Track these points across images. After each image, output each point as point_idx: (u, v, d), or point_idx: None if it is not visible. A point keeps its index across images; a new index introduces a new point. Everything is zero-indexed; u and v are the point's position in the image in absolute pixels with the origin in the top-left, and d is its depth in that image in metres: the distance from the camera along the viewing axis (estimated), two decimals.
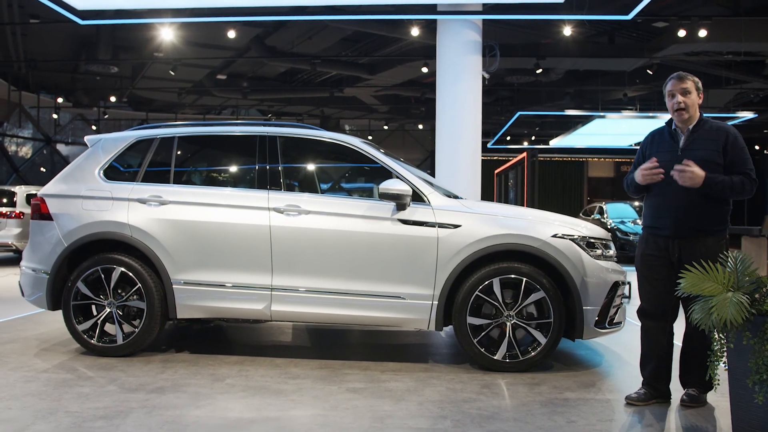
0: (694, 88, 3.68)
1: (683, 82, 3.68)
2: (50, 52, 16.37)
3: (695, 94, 3.68)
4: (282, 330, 5.92)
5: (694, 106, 3.67)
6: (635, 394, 3.82)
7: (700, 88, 3.71)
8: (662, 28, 13.12)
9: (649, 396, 3.79)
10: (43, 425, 3.31)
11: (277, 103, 22.10)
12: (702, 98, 3.71)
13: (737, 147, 3.61)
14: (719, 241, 3.61)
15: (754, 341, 3.05)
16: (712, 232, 3.61)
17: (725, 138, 3.61)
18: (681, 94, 3.66)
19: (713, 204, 3.61)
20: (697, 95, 3.69)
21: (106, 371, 4.35)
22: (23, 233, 11.18)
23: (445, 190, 5.05)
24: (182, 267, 4.66)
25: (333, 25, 13.27)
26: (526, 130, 23.61)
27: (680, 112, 3.67)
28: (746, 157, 3.62)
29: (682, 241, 3.62)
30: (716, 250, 3.52)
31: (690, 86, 3.67)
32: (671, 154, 3.68)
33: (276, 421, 3.43)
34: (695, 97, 3.67)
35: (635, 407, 3.74)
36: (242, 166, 5.16)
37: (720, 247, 3.58)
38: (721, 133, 3.63)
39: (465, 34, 9.15)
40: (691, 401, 3.72)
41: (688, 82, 3.68)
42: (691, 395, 3.74)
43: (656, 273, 3.72)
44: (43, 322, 6.05)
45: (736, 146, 3.61)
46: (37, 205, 4.99)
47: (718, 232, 3.63)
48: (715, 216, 3.62)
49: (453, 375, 4.39)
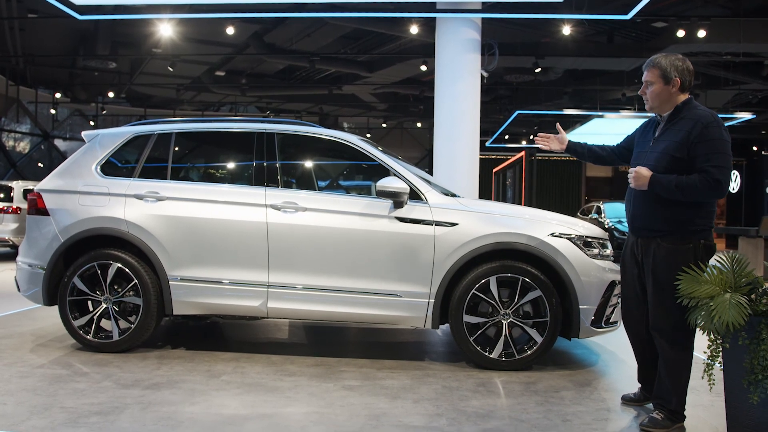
0: (659, 76, 3.35)
1: (646, 73, 3.43)
2: (48, 47, 16.33)
3: (660, 83, 3.35)
4: (278, 327, 5.91)
5: (658, 97, 3.38)
6: (631, 394, 3.81)
7: (671, 75, 3.33)
8: (661, 28, 13.13)
9: (641, 396, 3.76)
10: (38, 420, 3.30)
11: (276, 100, 22.08)
12: (679, 82, 3.33)
13: (704, 139, 3.20)
14: (681, 246, 3.27)
15: (750, 341, 3.06)
16: (668, 233, 3.30)
17: (692, 129, 3.24)
18: (643, 85, 3.46)
19: (665, 204, 3.29)
20: (666, 83, 3.34)
21: (102, 367, 4.34)
22: (20, 228, 11.17)
23: (442, 189, 5.04)
24: (179, 263, 4.65)
25: (332, 22, 13.25)
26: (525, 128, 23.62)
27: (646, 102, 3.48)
28: (712, 152, 3.18)
29: (641, 240, 3.43)
30: (676, 256, 3.26)
31: (652, 76, 3.38)
32: (646, 145, 3.49)
33: (271, 417, 3.43)
34: (660, 86, 3.36)
35: (631, 406, 3.75)
36: (240, 163, 5.15)
37: (683, 253, 3.26)
38: (690, 124, 3.27)
39: (464, 32, 9.15)
40: (652, 425, 3.34)
41: (650, 72, 3.40)
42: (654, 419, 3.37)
43: (627, 272, 3.57)
44: (39, 318, 6.04)
45: (702, 138, 3.20)
46: (34, 201, 4.98)
47: (678, 234, 3.28)
48: (669, 217, 3.30)
49: (449, 373, 4.39)
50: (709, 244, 3.33)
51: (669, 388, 3.37)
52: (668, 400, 3.37)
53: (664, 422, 3.35)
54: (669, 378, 3.37)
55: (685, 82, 3.36)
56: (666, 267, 3.30)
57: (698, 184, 3.19)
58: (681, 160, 3.27)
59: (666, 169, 3.30)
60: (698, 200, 3.26)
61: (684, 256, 3.27)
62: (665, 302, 3.32)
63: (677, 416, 3.38)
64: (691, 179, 3.21)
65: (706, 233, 3.31)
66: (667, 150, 3.32)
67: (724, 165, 3.19)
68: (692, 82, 3.40)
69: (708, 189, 3.18)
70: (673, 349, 3.34)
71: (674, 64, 3.35)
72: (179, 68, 16.62)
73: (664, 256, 3.31)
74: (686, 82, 3.37)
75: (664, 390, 3.39)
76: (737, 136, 22.97)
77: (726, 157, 3.21)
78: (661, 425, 3.34)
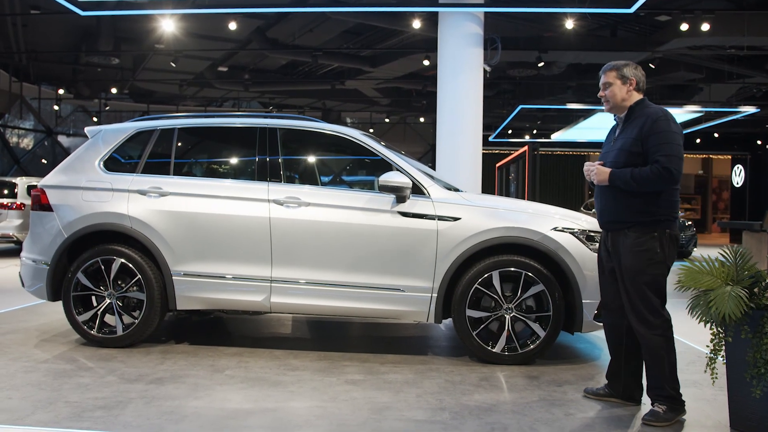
0: (617, 77, 3.57)
1: (603, 76, 3.65)
2: (51, 43, 16.32)
3: (618, 83, 3.57)
4: (281, 322, 5.93)
5: (616, 97, 3.59)
6: (595, 388, 3.82)
7: (628, 76, 3.56)
8: (665, 22, 13.05)
9: (603, 392, 3.76)
10: (42, 415, 3.32)
11: (279, 96, 22.04)
12: (634, 82, 3.56)
13: (653, 132, 3.39)
14: (644, 235, 3.41)
15: (752, 335, 3.06)
16: (633, 224, 3.44)
17: (643, 124, 3.45)
18: (602, 88, 3.66)
19: (627, 196, 3.46)
20: (623, 83, 3.56)
21: (106, 362, 4.36)
22: (24, 224, 11.20)
23: (445, 183, 5.04)
24: (182, 258, 4.66)
25: (334, 17, 13.21)
26: (528, 123, 23.56)
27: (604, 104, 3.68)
28: (661, 143, 3.36)
29: (611, 234, 3.58)
30: (638, 244, 3.40)
31: (610, 78, 3.60)
32: (609, 146, 3.69)
33: (274, 412, 3.45)
34: (617, 88, 3.57)
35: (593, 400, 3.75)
36: (242, 158, 5.15)
37: (648, 242, 3.39)
38: (642, 120, 3.48)
39: (466, 26, 9.12)
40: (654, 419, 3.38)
41: (608, 75, 3.62)
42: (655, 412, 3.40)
43: (603, 266, 3.70)
44: (44, 313, 6.06)
45: (652, 132, 3.40)
46: (38, 196, 5.00)
47: (643, 225, 3.42)
48: (632, 209, 3.45)
49: (452, 367, 4.40)
50: (674, 234, 3.47)
51: (658, 376, 3.43)
52: (661, 387, 3.43)
53: (666, 415, 3.38)
54: (654, 365, 3.44)
55: (639, 82, 3.60)
56: (633, 256, 3.44)
57: (650, 174, 3.36)
58: (637, 154, 3.45)
59: (625, 164, 3.48)
60: (653, 189, 3.40)
61: (649, 245, 3.41)
62: (637, 289, 3.43)
63: (676, 404, 3.42)
64: (644, 170, 3.38)
65: (670, 223, 3.45)
66: (623, 146, 3.53)
67: (673, 154, 3.36)
68: (645, 84, 3.64)
69: (659, 178, 3.35)
70: (651, 334, 3.42)
71: (628, 66, 3.63)
72: (182, 64, 16.60)
73: (630, 246, 3.45)
74: (641, 82, 3.61)
75: (654, 379, 3.45)
76: (741, 130, 22.91)
77: (674, 146, 3.38)
78: (662, 418, 3.37)
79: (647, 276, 3.40)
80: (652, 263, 3.40)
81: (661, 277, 3.43)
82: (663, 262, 3.42)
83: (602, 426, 3.34)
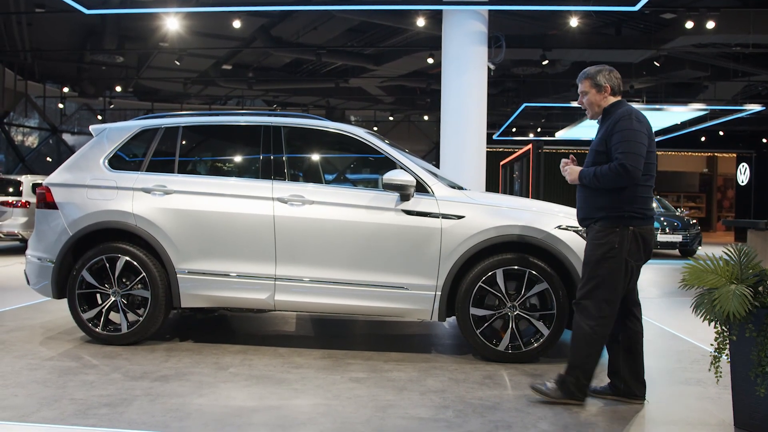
0: (591, 85, 3.68)
1: (580, 84, 3.74)
2: (56, 41, 16.37)
3: (594, 92, 3.67)
4: (285, 320, 5.94)
5: (593, 105, 3.70)
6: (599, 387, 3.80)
7: (602, 83, 3.64)
8: (670, 20, 13.01)
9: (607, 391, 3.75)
10: (48, 412, 3.34)
11: (283, 94, 22.06)
12: (609, 88, 3.64)
13: (615, 131, 3.49)
14: (605, 229, 3.51)
15: (757, 334, 3.05)
16: (600, 219, 3.55)
17: (609, 124, 3.56)
18: (580, 96, 3.76)
19: (593, 193, 3.59)
20: (598, 91, 3.66)
21: (111, 359, 4.38)
22: (29, 222, 11.23)
23: (449, 181, 5.04)
24: (186, 256, 4.67)
25: (338, 15, 13.22)
26: (532, 121, 23.52)
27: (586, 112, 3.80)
28: (620, 142, 3.44)
29: (586, 229, 3.70)
30: (598, 237, 3.52)
31: (585, 87, 3.71)
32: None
33: (278, 409, 3.45)
34: (593, 96, 3.68)
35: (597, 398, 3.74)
36: (246, 156, 5.16)
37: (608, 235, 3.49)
38: (609, 120, 3.59)
39: (471, 24, 9.11)
40: (540, 388, 3.65)
41: (583, 84, 3.72)
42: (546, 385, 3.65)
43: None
44: (49, 311, 6.09)
45: (614, 130, 3.50)
46: (43, 194, 5.01)
47: (602, 219, 3.53)
48: (597, 204, 3.56)
49: (455, 365, 4.40)
50: (640, 232, 3.52)
51: (571, 363, 3.57)
52: (568, 371, 3.58)
53: (553, 393, 3.58)
54: (573, 351, 3.59)
55: (614, 87, 3.67)
56: (592, 247, 3.56)
57: (608, 171, 3.46)
58: (602, 153, 3.56)
59: (593, 163, 3.60)
60: (614, 186, 3.47)
61: (608, 239, 3.50)
62: (588, 278, 3.56)
63: (570, 395, 3.56)
64: (603, 168, 3.49)
65: (636, 221, 3.51)
66: (593, 146, 3.66)
67: (630, 151, 3.41)
68: (621, 87, 3.71)
69: (616, 174, 3.43)
70: (584, 322, 3.54)
71: (601, 72, 3.69)
72: (186, 62, 16.63)
73: (592, 238, 3.59)
74: (615, 87, 3.68)
75: (569, 362, 3.60)
76: (746, 128, 22.82)
77: (632, 144, 3.43)
78: (546, 392, 3.59)
79: (600, 269, 3.50)
80: (608, 257, 3.49)
81: (615, 273, 3.49)
82: (620, 257, 3.48)
83: (605, 423, 3.34)
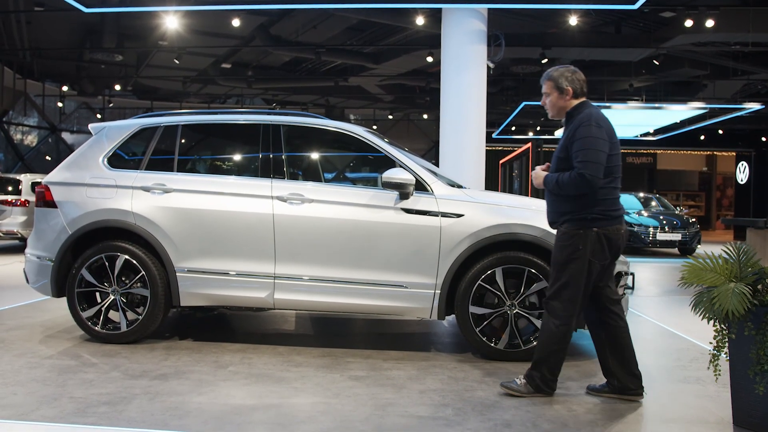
0: (553, 87, 3.69)
1: (543, 86, 3.76)
2: (55, 40, 16.34)
3: (555, 93, 3.68)
4: (285, 318, 5.94)
5: (555, 106, 3.72)
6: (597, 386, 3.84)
7: (563, 86, 3.65)
8: (669, 18, 13.00)
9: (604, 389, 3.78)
10: (47, 410, 3.34)
11: (282, 92, 22.05)
12: (571, 91, 3.64)
13: (575, 138, 3.51)
14: (570, 231, 3.56)
15: (756, 332, 3.06)
16: (565, 221, 3.61)
17: (570, 129, 3.58)
18: (544, 97, 3.77)
19: (557, 198, 3.64)
20: (560, 93, 3.67)
21: (110, 358, 4.38)
22: (28, 221, 11.23)
23: (448, 180, 5.04)
24: (186, 255, 4.67)
25: (338, 13, 13.21)
26: (531, 120, 23.51)
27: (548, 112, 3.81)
28: (580, 150, 3.47)
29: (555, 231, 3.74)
30: (563, 239, 3.58)
31: (548, 88, 3.72)
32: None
33: (278, 408, 3.46)
34: (555, 98, 3.69)
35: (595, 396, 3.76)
36: (246, 155, 5.16)
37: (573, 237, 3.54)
38: (570, 127, 3.60)
39: (470, 23, 9.10)
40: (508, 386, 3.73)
41: (546, 85, 3.73)
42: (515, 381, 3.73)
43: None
44: (48, 309, 6.09)
45: (575, 137, 3.51)
46: (42, 193, 5.01)
47: (567, 222, 3.59)
48: (562, 208, 3.62)
49: (455, 364, 4.40)
50: (604, 233, 3.56)
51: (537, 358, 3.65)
52: (534, 368, 3.67)
53: (522, 387, 3.67)
54: (540, 348, 3.66)
55: (576, 89, 3.67)
56: (559, 249, 3.63)
57: (569, 179, 3.50)
58: (564, 159, 3.59)
59: (556, 169, 3.65)
60: (575, 193, 3.52)
61: (573, 241, 3.56)
62: (555, 279, 3.63)
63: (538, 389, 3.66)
64: (564, 176, 3.53)
65: (601, 222, 3.55)
66: (556, 152, 3.69)
67: (588, 159, 3.44)
68: (584, 89, 3.70)
69: (575, 183, 3.48)
70: (550, 321, 3.62)
71: (564, 75, 3.68)
72: (185, 61, 16.61)
73: (558, 240, 3.65)
74: (578, 89, 3.68)
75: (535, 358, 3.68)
76: (746, 126, 22.83)
77: (591, 152, 3.45)
78: (516, 388, 3.68)
79: (566, 270, 3.57)
80: (573, 259, 3.55)
81: (579, 274, 3.56)
82: (584, 258, 3.54)
83: (604, 422, 3.35)
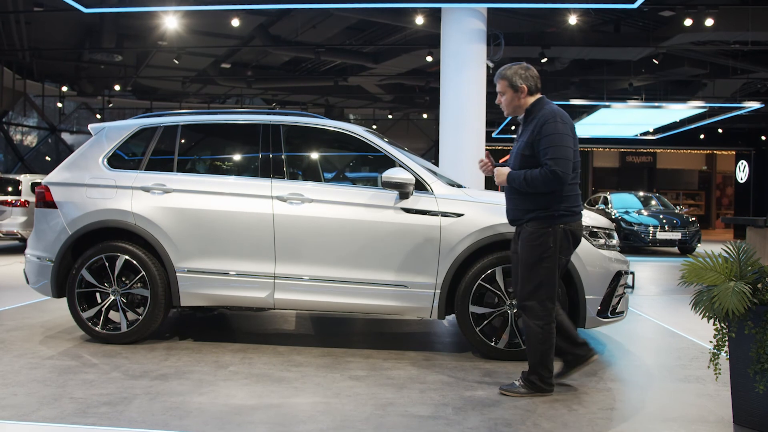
0: (507, 86, 3.70)
1: (497, 85, 3.76)
2: (54, 40, 16.34)
3: (510, 91, 3.70)
4: (285, 318, 5.94)
5: (510, 105, 3.74)
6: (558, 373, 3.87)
7: (518, 85, 3.67)
8: (668, 17, 13.00)
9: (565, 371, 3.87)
10: (47, 411, 3.34)
11: (282, 92, 22.04)
12: (526, 89, 3.66)
13: (542, 135, 3.53)
14: (539, 230, 3.58)
15: (756, 331, 3.06)
16: (531, 220, 3.62)
17: (534, 127, 3.58)
18: (498, 96, 3.78)
19: (523, 195, 3.65)
20: (514, 91, 3.69)
21: (111, 358, 4.38)
22: (28, 221, 11.23)
23: (448, 179, 5.05)
24: (186, 255, 4.67)
25: (337, 13, 13.20)
26: None
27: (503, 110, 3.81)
28: (549, 147, 3.50)
29: (516, 229, 3.77)
30: (532, 238, 3.59)
31: (502, 87, 3.73)
32: (514, 145, 3.82)
33: (278, 408, 3.46)
34: (510, 96, 3.71)
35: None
36: (246, 155, 5.16)
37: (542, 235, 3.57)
38: (534, 123, 3.61)
39: (469, 22, 9.10)
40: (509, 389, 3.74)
41: (500, 83, 3.74)
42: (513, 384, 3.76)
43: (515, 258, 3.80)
44: (48, 310, 6.09)
45: (541, 135, 3.53)
46: (42, 194, 5.01)
47: (538, 220, 3.60)
48: (527, 206, 3.63)
49: (455, 363, 4.40)
50: (570, 229, 3.64)
51: (530, 362, 3.68)
52: (529, 371, 3.69)
53: (521, 390, 3.68)
54: (529, 351, 3.69)
55: (531, 87, 3.70)
56: (528, 249, 3.63)
57: (539, 176, 3.52)
58: (530, 157, 3.61)
59: (521, 167, 3.65)
60: (545, 190, 3.55)
61: (543, 240, 3.59)
62: (528, 280, 3.63)
63: (536, 389, 3.66)
64: (534, 173, 3.54)
65: (565, 218, 3.62)
66: (519, 149, 3.70)
67: (558, 157, 3.49)
68: (539, 85, 3.73)
69: (546, 180, 3.50)
70: (532, 322, 3.63)
71: (518, 73, 3.71)
72: (185, 61, 16.61)
73: (526, 239, 3.65)
74: (532, 86, 3.70)
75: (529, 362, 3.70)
76: (745, 125, 22.83)
77: (560, 149, 3.50)
78: (516, 391, 3.68)
79: (539, 269, 3.60)
80: (545, 257, 3.59)
81: (552, 271, 3.61)
82: (555, 256, 3.59)
83: (604, 421, 3.35)
